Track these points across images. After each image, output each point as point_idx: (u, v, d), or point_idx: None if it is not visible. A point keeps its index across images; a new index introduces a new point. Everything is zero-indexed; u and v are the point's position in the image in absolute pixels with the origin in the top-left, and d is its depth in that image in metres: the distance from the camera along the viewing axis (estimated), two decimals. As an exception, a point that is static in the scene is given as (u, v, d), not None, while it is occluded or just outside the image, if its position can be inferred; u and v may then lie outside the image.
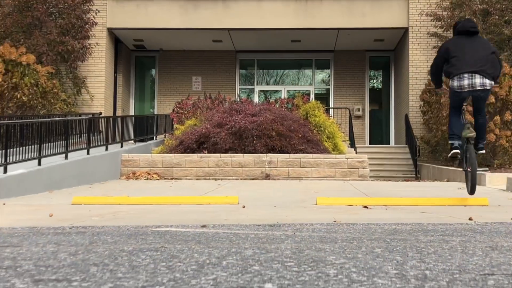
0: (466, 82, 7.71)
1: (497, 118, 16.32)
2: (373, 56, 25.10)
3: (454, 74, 7.81)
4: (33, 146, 11.31)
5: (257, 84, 25.76)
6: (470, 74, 7.70)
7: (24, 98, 17.26)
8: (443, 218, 6.11)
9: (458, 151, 7.97)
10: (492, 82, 7.74)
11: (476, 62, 7.77)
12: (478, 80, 7.68)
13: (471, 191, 7.86)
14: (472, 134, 7.90)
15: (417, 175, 19.09)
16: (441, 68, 8.15)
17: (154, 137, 19.11)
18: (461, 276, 2.70)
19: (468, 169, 7.94)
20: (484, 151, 8.28)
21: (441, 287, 2.44)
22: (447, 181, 15.17)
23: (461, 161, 8.30)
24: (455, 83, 7.79)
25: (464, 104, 8.32)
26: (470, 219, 5.85)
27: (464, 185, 12.22)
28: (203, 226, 5.15)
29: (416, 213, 6.74)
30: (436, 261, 3.11)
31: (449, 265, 3.00)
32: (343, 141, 17.09)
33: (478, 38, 8.20)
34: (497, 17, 18.56)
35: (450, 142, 8.25)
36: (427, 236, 4.41)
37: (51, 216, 6.34)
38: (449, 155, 8.17)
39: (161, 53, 25.21)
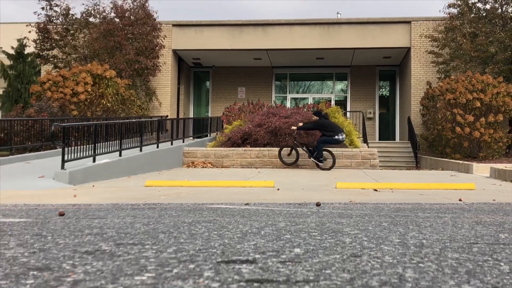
0: (340, 137, 13.27)
1: (482, 119, 16.07)
2: (382, 70, 24.83)
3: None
4: (115, 142, 11.50)
5: (289, 92, 25.69)
6: (341, 133, 13.28)
7: (108, 104, 17.58)
8: (437, 199, 6.03)
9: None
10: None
11: (339, 128, 13.42)
12: (343, 136, 13.39)
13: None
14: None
15: (417, 165, 18.85)
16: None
17: (208, 135, 19.23)
18: (451, 244, 2.67)
19: None
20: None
21: (435, 252, 2.42)
22: (442, 169, 14.95)
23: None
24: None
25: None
26: (459, 200, 5.77)
27: (455, 172, 12.00)
28: (246, 204, 5.18)
29: (416, 195, 6.67)
30: (432, 233, 3.09)
31: (442, 236, 2.97)
32: (357, 137, 16.92)
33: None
34: (483, 38, 18.21)
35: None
36: (425, 213, 4.37)
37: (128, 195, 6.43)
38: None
39: (213, 69, 25.34)
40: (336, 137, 13.24)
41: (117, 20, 20.42)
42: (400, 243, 2.69)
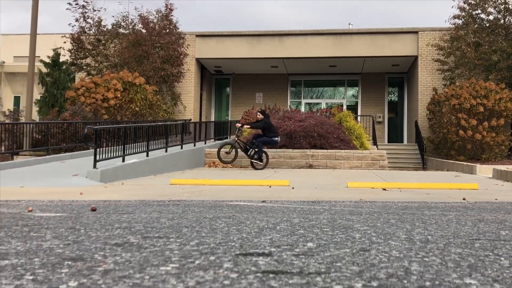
0: (278, 138, 13.10)
1: (485, 123, 15.90)
2: (390, 77, 24.65)
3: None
4: (143, 143, 11.59)
5: (303, 98, 25.64)
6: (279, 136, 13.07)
7: (136, 108, 17.73)
8: (443, 198, 5.98)
9: None
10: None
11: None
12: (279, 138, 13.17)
13: None
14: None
15: (424, 166, 18.68)
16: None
17: (228, 137, 19.27)
18: (455, 240, 2.65)
19: None
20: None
21: (439, 248, 2.40)
22: (447, 170, 14.79)
23: None
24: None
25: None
26: (463, 199, 5.70)
27: (460, 173, 11.86)
28: (263, 201, 5.19)
29: (423, 194, 6.61)
30: (436, 229, 3.06)
31: (446, 232, 2.95)
32: (368, 140, 16.83)
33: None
34: (486, 47, 18.00)
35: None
36: (430, 211, 4.33)
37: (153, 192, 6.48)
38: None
39: (233, 76, 25.39)
40: (275, 138, 12.94)
41: (144, 31, 20.59)
42: (406, 238, 2.67)
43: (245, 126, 13.10)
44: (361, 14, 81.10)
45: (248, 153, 12.89)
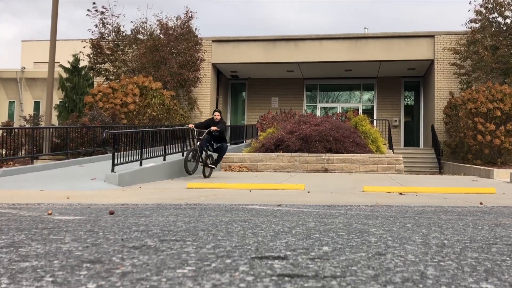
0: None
1: (502, 128, 15.70)
2: (406, 81, 24.48)
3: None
4: (160, 147, 11.65)
5: (319, 102, 25.58)
6: None
7: (154, 113, 17.84)
8: (459, 202, 5.92)
9: None
10: None
11: None
12: None
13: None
14: None
15: (440, 170, 18.50)
16: None
17: (244, 141, 19.29)
18: (472, 244, 2.62)
19: None
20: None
21: (455, 252, 2.38)
22: (464, 175, 14.63)
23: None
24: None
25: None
26: (480, 203, 5.64)
27: (477, 177, 11.73)
28: (279, 205, 5.19)
29: (439, 198, 6.55)
30: (453, 234, 3.04)
31: (463, 236, 2.92)
32: (383, 144, 16.72)
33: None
34: (505, 50, 17.79)
35: None
36: (447, 215, 4.29)
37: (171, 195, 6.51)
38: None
39: (249, 81, 25.43)
40: (228, 144, 11.98)
41: (162, 36, 20.74)
42: (422, 243, 2.65)
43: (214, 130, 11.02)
44: (376, 18, 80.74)
45: (203, 156, 10.92)
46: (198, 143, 10.90)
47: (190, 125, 11.45)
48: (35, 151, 13.02)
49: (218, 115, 11.32)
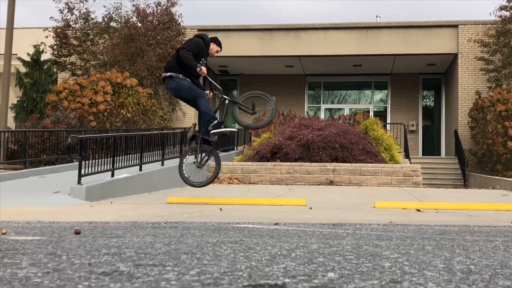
0: None
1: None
2: (425, 78, 24.64)
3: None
4: (135, 155, 11.62)
5: (323, 103, 25.68)
6: None
7: (128, 114, 17.83)
8: (488, 221, 5.93)
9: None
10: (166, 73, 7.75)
11: None
12: None
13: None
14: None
15: (465, 183, 18.57)
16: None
17: (235, 148, 19.29)
18: (503, 270, 2.62)
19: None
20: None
21: (484, 279, 2.38)
22: (492, 188, 14.68)
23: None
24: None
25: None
26: (513, 222, 5.65)
27: (508, 192, 11.79)
28: (276, 224, 5.17)
29: (464, 216, 6.56)
30: (481, 258, 3.03)
31: (492, 261, 2.92)
32: (398, 152, 16.78)
33: None
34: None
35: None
36: (473, 236, 4.29)
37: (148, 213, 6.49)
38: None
39: (241, 77, 25.49)
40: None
41: (139, 24, 20.76)
42: (445, 268, 2.65)
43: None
44: (390, 5, 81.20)
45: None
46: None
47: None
48: (-13, 159, 12.96)
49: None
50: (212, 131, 7.74)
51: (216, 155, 8.32)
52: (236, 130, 7.94)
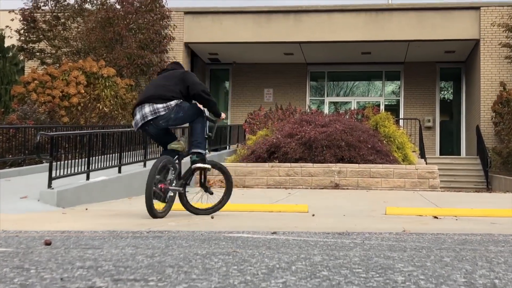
0: (137, 116, 6.99)
1: None
2: (443, 68, 24.66)
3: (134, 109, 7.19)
4: (114, 155, 11.58)
5: (327, 95, 25.69)
6: (140, 106, 6.98)
7: (105, 109, 17.77)
8: (514, 229, 5.94)
9: None
10: (166, 104, 6.86)
11: (149, 91, 7.08)
12: (147, 109, 6.90)
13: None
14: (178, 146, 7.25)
15: (488, 187, 18.61)
16: None
17: (227, 147, 19.27)
18: (532, 286, 2.62)
19: None
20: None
21: (510, 296, 2.38)
22: (519, 192, 14.72)
23: None
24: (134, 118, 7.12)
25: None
26: (542, 230, 5.67)
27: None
28: (274, 233, 5.18)
29: (487, 224, 6.57)
30: (506, 271, 3.04)
31: (519, 275, 2.93)
32: (413, 151, 16.80)
33: (173, 72, 7.28)
34: None
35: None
36: (498, 246, 4.30)
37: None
38: None
39: (234, 66, 25.47)
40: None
41: (118, 6, 20.69)
42: (466, 283, 2.65)
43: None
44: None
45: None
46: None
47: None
48: None
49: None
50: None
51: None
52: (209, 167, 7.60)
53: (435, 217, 7.34)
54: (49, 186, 9.05)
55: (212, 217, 7.07)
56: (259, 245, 4.24)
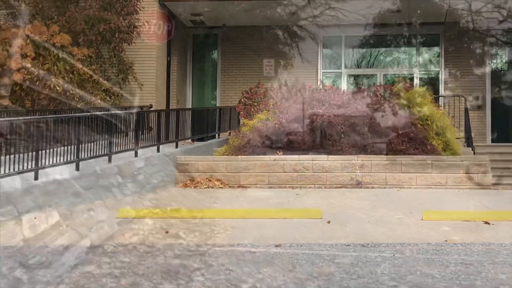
0: None
1: None
2: (495, 29, 24.57)
3: None
4: (69, 147, 11.56)
5: (344, 67, 25.62)
6: None
7: (58, 88, 17.72)
8: None
9: None
10: None
11: None
12: None
13: None
14: None
15: (556, 183, 18.63)
16: None
17: (217, 135, 19.28)
18: None
19: None
20: None
21: None
22: None
23: None
24: None
25: None
26: None
27: None
28: (277, 246, 5.18)
29: (554, 230, 6.58)
30: None
31: None
32: (456, 138, 16.78)
33: None
34: None
35: None
36: None
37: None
38: None
39: (224, 30, 25.33)
40: None
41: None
42: (527, 307, 2.65)
43: None
44: None
45: None
46: None
47: None
48: None
49: None
50: None
51: None
52: None
53: (486, 223, 7.34)
54: (-14, 188, 9.06)
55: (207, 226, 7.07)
56: (258, 260, 4.24)
